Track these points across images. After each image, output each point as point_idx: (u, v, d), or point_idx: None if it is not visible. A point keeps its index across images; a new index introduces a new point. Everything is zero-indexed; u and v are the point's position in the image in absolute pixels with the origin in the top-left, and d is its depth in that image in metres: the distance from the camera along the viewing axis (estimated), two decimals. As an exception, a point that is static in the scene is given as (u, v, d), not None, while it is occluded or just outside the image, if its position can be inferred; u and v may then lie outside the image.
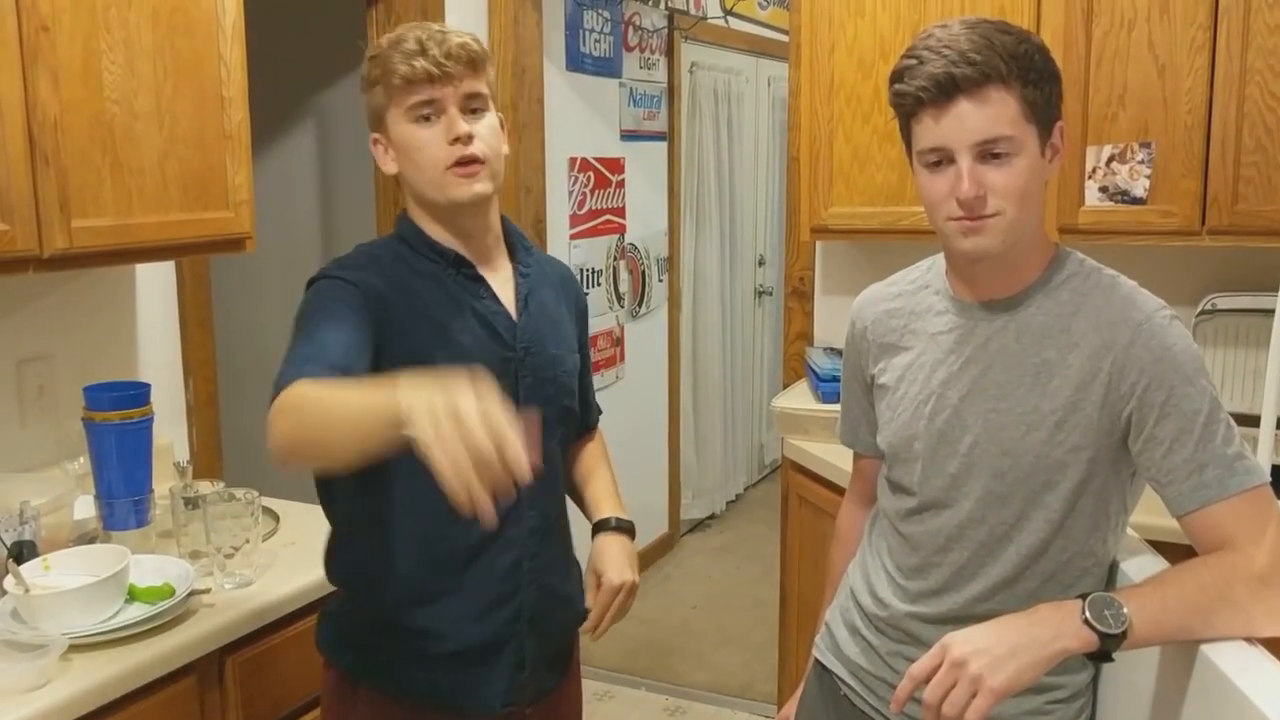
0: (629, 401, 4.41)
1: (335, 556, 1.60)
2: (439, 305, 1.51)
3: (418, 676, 1.52)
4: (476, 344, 1.51)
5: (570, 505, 1.71)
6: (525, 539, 1.55)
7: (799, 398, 2.89)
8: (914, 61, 1.29)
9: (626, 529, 1.66)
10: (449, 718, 1.55)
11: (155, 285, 2.36)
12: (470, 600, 1.52)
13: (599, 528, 1.65)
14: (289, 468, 1.28)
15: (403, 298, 1.49)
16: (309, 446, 1.26)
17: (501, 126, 1.56)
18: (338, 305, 1.44)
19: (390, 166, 1.54)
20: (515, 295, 1.58)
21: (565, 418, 1.65)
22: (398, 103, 1.48)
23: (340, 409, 1.22)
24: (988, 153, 1.27)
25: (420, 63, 1.45)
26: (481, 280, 1.55)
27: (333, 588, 1.62)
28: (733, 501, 5.48)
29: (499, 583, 1.53)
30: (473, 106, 1.50)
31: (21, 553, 1.71)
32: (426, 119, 1.48)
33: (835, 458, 2.47)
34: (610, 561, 1.59)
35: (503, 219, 1.63)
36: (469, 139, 1.48)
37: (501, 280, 1.59)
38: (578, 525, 1.69)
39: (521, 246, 1.64)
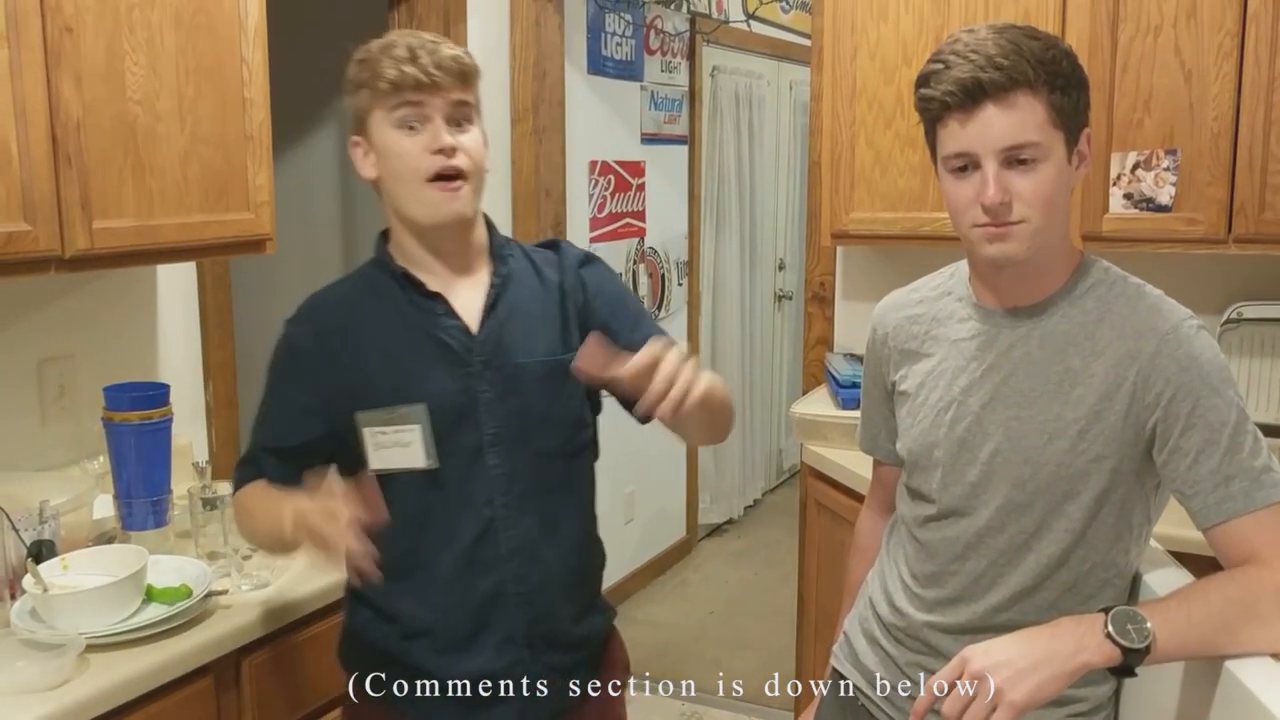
0: (647, 405, 4.36)
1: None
2: (390, 332, 1.51)
3: (420, 708, 1.53)
4: (427, 366, 1.49)
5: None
6: (504, 561, 1.51)
7: (818, 403, 2.87)
8: (940, 66, 1.28)
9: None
10: None
11: (176, 286, 2.37)
12: (449, 631, 1.51)
13: None
14: None
15: (347, 334, 1.52)
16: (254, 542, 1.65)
17: (485, 144, 1.52)
18: (282, 377, 1.57)
19: (369, 171, 1.51)
20: (484, 306, 1.53)
21: (546, 426, 1.53)
22: (382, 107, 1.45)
23: (260, 523, 1.52)
24: (1014, 159, 1.26)
25: (410, 69, 1.42)
26: (437, 297, 1.51)
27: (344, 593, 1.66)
28: (751, 507, 5.46)
29: (479, 611, 1.50)
30: (459, 118, 1.47)
31: (40, 552, 1.72)
32: (411, 128, 1.45)
33: (855, 464, 2.46)
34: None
35: (490, 228, 1.59)
36: (452, 151, 1.44)
37: (471, 293, 1.54)
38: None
39: (499, 256, 1.57)
